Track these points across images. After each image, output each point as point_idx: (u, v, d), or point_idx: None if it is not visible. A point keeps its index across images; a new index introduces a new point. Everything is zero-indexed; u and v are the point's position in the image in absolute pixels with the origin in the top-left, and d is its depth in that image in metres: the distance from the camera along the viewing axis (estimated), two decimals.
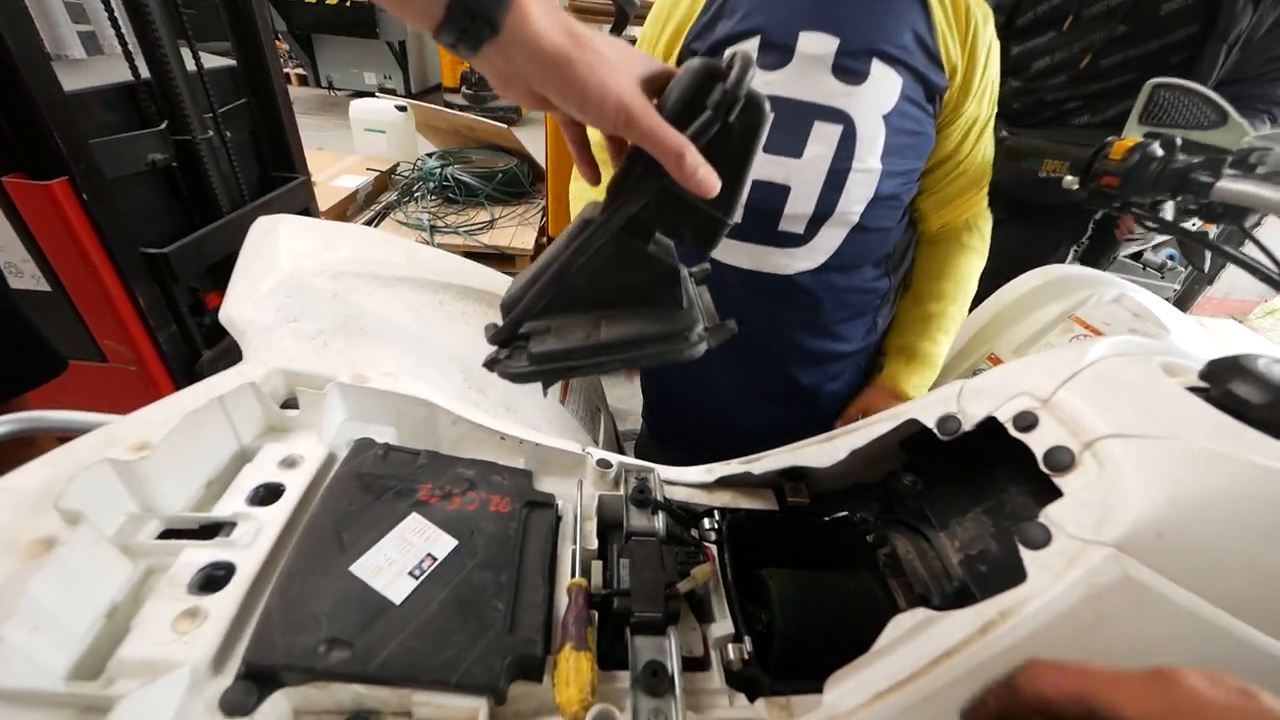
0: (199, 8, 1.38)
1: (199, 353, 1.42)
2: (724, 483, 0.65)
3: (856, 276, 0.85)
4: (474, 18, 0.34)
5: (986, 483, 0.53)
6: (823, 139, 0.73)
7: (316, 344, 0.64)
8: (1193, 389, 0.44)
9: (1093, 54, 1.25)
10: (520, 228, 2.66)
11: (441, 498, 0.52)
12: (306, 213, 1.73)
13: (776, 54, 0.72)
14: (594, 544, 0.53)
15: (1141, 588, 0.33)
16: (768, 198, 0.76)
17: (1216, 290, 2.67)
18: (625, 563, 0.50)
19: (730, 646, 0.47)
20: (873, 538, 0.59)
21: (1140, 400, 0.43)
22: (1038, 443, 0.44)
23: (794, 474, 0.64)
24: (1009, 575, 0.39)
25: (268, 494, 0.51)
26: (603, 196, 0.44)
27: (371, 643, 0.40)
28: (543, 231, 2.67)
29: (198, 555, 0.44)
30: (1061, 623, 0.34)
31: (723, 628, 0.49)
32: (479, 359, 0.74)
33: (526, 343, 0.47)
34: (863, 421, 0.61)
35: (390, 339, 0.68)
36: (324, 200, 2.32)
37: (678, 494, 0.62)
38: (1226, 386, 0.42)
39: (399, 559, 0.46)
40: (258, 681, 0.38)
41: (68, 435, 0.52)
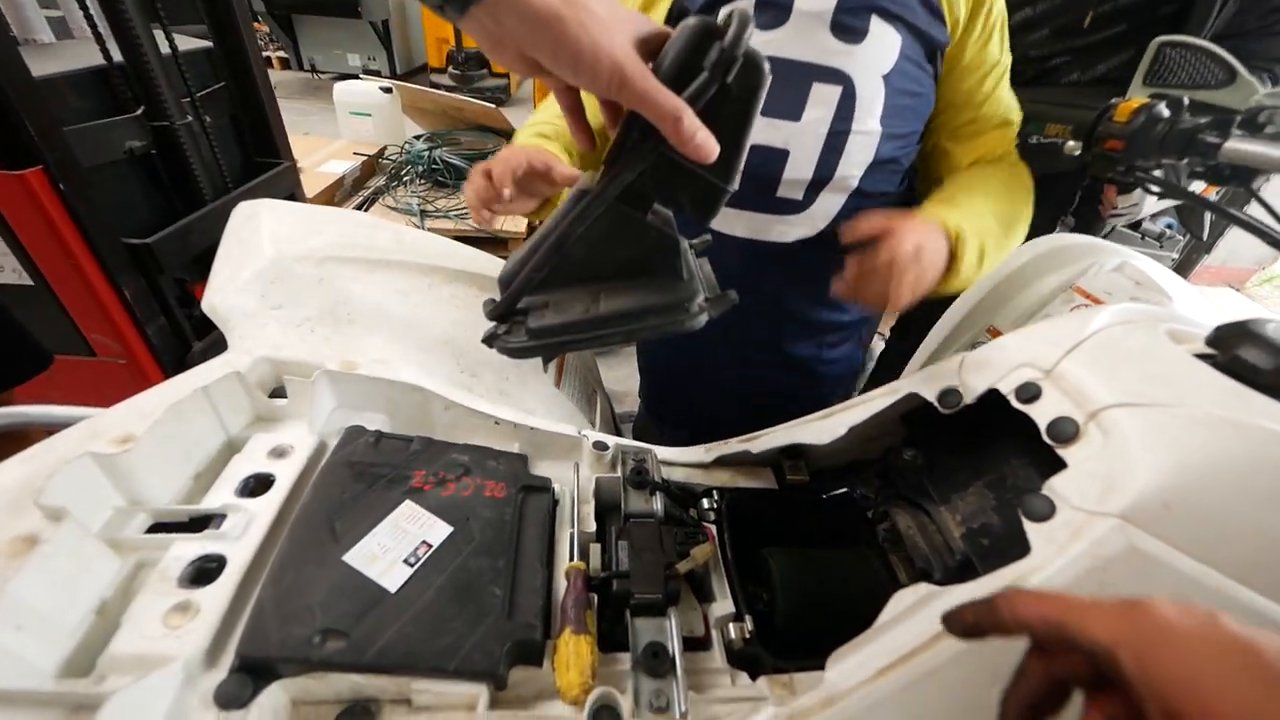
0: None
1: (189, 345, 1.40)
2: (722, 462, 0.64)
3: None
4: None
5: (988, 456, 0.53)
6: (821, 101, 0.70)
7: (303, 331, 0.62)
8: (1199, 356, 0.43)
9: (1079, 6, 1.20)
10: None
11: (435, 484, 0.51)
12: (293, 199, 1.69)
13: (773, 12, 0.69)
14: (592, 527, 0.53)
15: (1148, 558, 0.32)
16: (766, 163, 0.73)
17: (1214, 259, 2.67)
18: (624, 545, 0.49)
19: (731, 626, 0.47)
20: (873, 514, 0.59)
21: (1145, 368, 0.43)
22: (1041, 414, 0.43)
23: (793, 452, 0.63)
24: (1012, 548, 0.38)
25: (258, 485, 0.50)
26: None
27: (368, 632, 0.40)
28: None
29: (188, 548, 0.44)
30: (1067, 594, 0.34)
31: (723, 607, 0.49)
32: (471, 343, 0.74)
33: (525, 318, 0.47)
34: (862, 397, 0.60)
35: (379, 324, 0.67)
36: (311, 186, 2.27)
37: (676, 474, 0.62)
38: (1234, 352, 0.41)
39: (393, 547, 0.45)
40: (253, 674, 0.37)
41: (55, 431, 0.51)
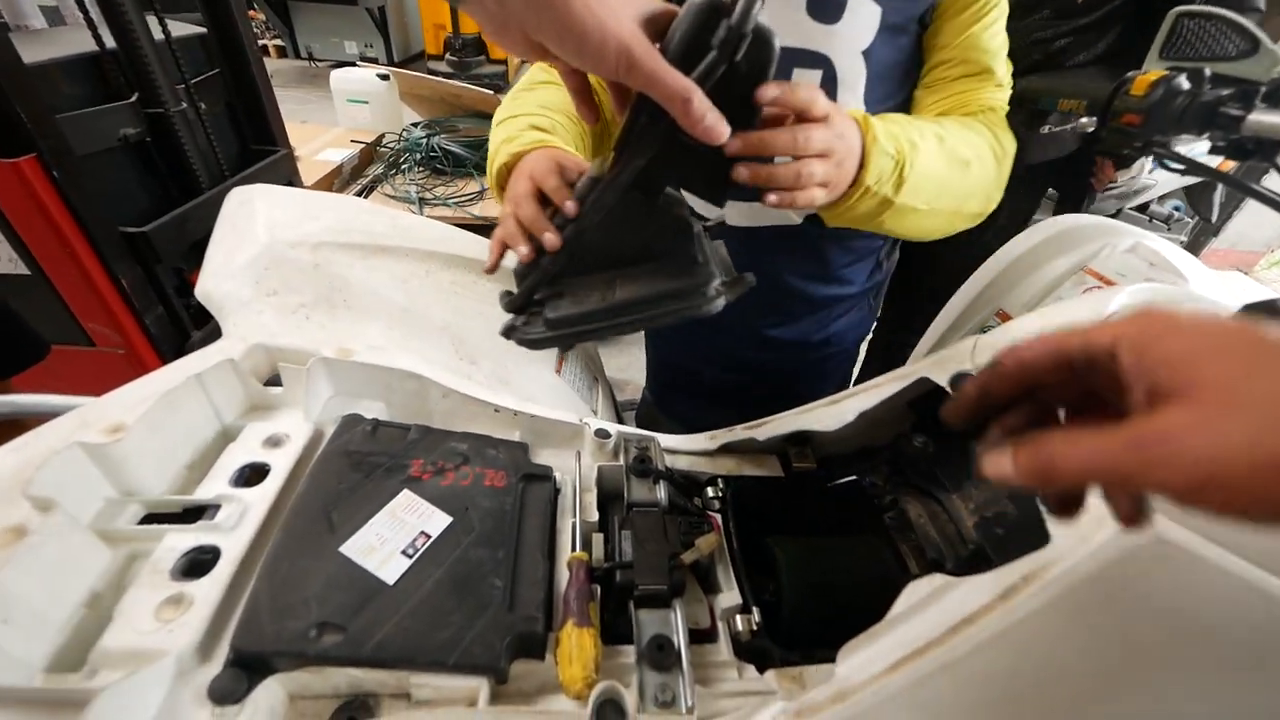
0: None
1: (188, 334, 1.39)
2: (727, 449, 0.63)
3: None
4: None
5: None
6: None
7: (298, 318, 0.61)
8: None
9: None
10: None
11: (434, 473, 0.50)
12: (290, 186, 1.67)
13: None
14: (594, 516, 0.52)
15: (1177, 549, 0.31)
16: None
17: (1221, 242, 2.63)
18: (627, 534, 0.48)
19: (738, 617, 0.46)
20: (882, 502, 0.57)
21: None
22: None
23: (799, 438, 0.62)
24: (1029, 538, 0.37)
25: (253, 474, 0.49)
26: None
27: (365, 625, 0.39)
28: None
29: (181, 540, 0.43)
30: (1089, 587, 0.33)
31: (730, 598, 0.48)
32: (469, 330, 0.72)
33: (542, 308, 0.47)
34: (871, 382, 0.58)
35: (376, 311, 0.65)
36: (308, 175, 2.25)
37: (680, 462, 0.61)
38: None
39: (391, 538, 0.44)
40: (247, 668, 0.37)
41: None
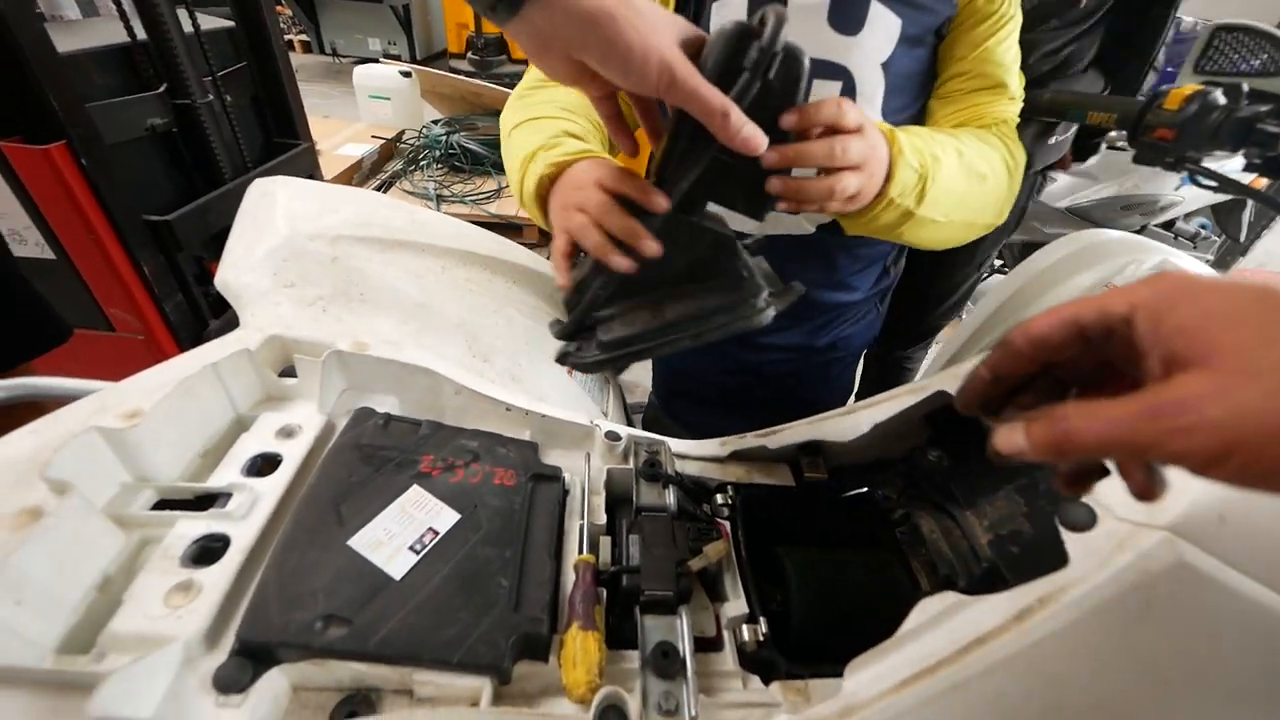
0: None
1: (206, 322, 1.41)
2: (738, 456, 0.62)
3: None
4: None
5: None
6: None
7: (315, 310, 0.61)
8: None
9: None
10: None
11: (444, 470, 0.50)
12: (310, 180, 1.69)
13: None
14: (602, 519, 0.51)
15: (1200, 576, 0.30)
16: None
17: (1249, 261, 2.58)
18: (635, 539, 0.48)
19: (744, 627, 0.46)
20: (894, 515, 0.56)
21: None
22: None
23: (812, 448, 0.61)
24: (1045, 558, 0.36)
25: (265, 464, 0.49)
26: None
27: (371, 619, 0.39)
28: None
29: (192, 527, 0.43)
30: (1108, 611, 0.32)
31: (736, 607, 0.47)
32: (483, 327, 0.72)
33: (594, 332, 0.48)
34: (886, 394, 0.57)
35: (391, 305, 0.66)
36: (329, 169, 2.29)
37: (689, 468, 0.60)
38: None
39: (399, 533, 0.44)
40: (252, 658, 0.37)
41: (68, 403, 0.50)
